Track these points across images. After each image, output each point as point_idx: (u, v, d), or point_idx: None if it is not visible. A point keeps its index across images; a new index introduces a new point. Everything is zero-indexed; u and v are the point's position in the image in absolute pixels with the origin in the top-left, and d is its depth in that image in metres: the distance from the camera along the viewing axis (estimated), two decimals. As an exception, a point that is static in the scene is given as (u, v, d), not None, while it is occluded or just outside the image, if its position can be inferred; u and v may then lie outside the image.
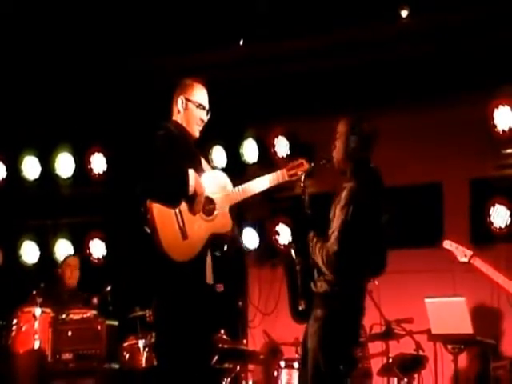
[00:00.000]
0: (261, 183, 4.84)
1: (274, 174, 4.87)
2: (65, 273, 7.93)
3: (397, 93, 7.83)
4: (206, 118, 4.85)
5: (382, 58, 7.73)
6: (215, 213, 4.71)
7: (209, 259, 4.69)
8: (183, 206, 4.60)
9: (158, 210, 4.52)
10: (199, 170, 4.73)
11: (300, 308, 4.75)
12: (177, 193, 4.56)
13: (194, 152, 4.82)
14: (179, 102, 4.81)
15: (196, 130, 4.83)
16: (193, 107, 4.81)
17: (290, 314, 4.84)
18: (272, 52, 7.92)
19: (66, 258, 8.19)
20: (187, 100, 4.81)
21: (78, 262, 8.08)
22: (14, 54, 8.02)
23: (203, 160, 4.93)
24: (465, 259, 6.34)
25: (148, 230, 4.52)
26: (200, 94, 4.86)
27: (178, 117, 4.83)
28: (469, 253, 6.33)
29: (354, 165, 4.79)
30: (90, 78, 8.33)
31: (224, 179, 4.84)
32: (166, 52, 8.00)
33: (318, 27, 7.49)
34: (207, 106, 4.86)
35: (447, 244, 6.46)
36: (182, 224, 4.55)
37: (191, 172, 4.58)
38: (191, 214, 4.60)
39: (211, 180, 4.76)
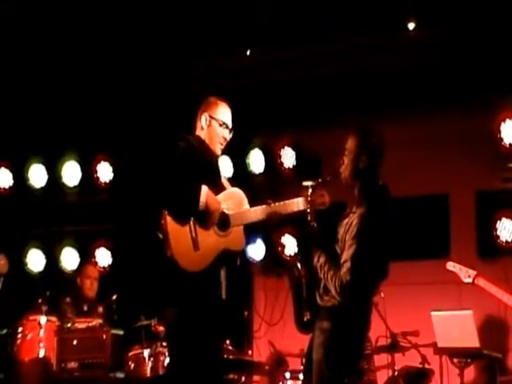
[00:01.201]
0: (282, 208, 4.81)
1: (295, 200, 4.83)
2: (84, 283, 7.94)
3: (404, 104, 7.83)
4: (228, 136, 4.91)
5: (389, 68, 7.73)
6: (229, 229, 4.72)
7: (223, 274, 4.70)
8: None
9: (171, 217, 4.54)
10: (219, 186, 4.75)
11: (305, 319, 4.76)
12: (185, 212, 4.57)
13: (214, 168, 4.85)
14: (203, 119, 4.86)
15: (218, 148, 4.88)
16: (216, 125, 4.85)
17: (295, 324, 4.84)
18: (278, 61, 7.93)
19: (85, 268, 8.16)
20: (211, 117, 4.85)
21: (97, 273, 8.10)
22: (20, 62, 8.03)
23: (223, 178, 4.96)
24: (469, 280, 6.34)
25: (160, 236, 4.53)
26: (224, 113, 4.91)
27: (201, 133, 4.87)
28: (472, 273, 6.33)
29: (362, 184, 4.74)
30: (96, 86, 8.34)
31: (241, 197, 4.86)
32: (173, 60, 8.01)
33: (326, 36, 7.49)
34: (230, 125, 4.91)
35: (450, 265, 6.46)
36: (194, 235, 4.57)
37: (204, 188, 4.58)
38: (204, 228, 4.61)
39: (228, 197, 4.78)
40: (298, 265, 4.88)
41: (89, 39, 7.75)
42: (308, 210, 4.78)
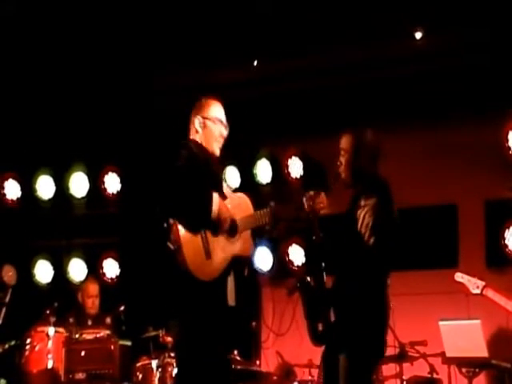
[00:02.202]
0: (283, 210, 4.81)
1: (294, 201, 4.83)
2: (86, 303, 7.95)
3: (411, 113, 7.84)
4: (225, 132, 4.79)
5: (397, 77, 7.74)
6: (237, 235, 4.69)
7: (230, 281, 4.66)
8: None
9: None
10: (220, 190, 4.70)
11: (319, 330, 4.74)
12: (199, 222, 4.53)
13: (215, 172, 4.79)
14: (196, 122, 4.76)
15: (216, 148, 4.78)
16: (211, 124, 4.75)
17: (309, 337, 4.82)
18: (286, 71, 7.94)
19: (86, 286, 8.13)
20: (204, 118, 4.76)
21: (97, 290, 8.07)
22: (28, 73, 8.05)
23: (224, 183, 4.91)
24: (477, 291, 6.32)
25: (171, 247, 4.50)
26: (216, 110, 4.80)
27: (196, 136, 4.76)
28: (481, 284, 6.31)
29: (366, 181, 4.75)
30: (104, 97, 8.36)
31: (247, 202, 4.83)
32: (179, 71, 8.03)
33: (331, 46, 7.51)
34: (225, 121, 4.80)
35: (459, 277, 6.45)
36: (206, 243, 4.53)
37: (215, 197, 4.55)
38: (215, 236, 4.58)
39: (236, 202, 4.74)
40: (308, 278, 4.87)
41: (96, 53, 7.77)
42: (311, 218, 4.76)
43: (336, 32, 7.31)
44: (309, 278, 4.86)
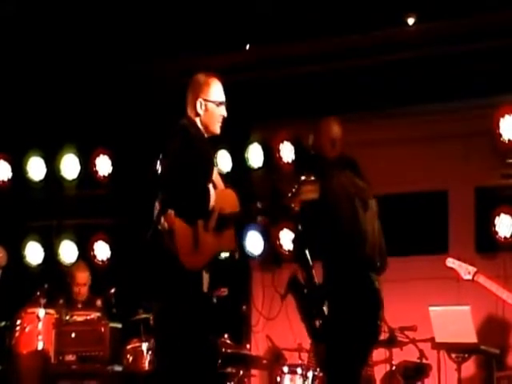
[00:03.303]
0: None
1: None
2: (73, 289, 7.88)
3: (402, 99, 7.83)
4: (225, 112, 4.74)
5: (388, 64, 7.73)
6: (224, 230, 4.68)
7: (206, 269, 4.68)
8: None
9: None
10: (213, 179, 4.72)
11: (317, 326, 4.77)
12: (197, 214, 4.53)
13: (210, 156, 4.77)
14: (198, 105, 4.68)
15: (217, 128, 4.73)
16: (213, 106, 4.68)
17: (309, 336, 4.88)
18: (278, 56, 7.92)
19: (74, 273, 8.02)
20: (206, 101, 4.68)
21: (87, 278, 7.96)
22: (18, 56, 8.02)
23: (216, 172, 4.88)
24: (468, 276, 6.36)
25: (165, 227, 4.46)
26: (218, 91, 4.72)
27: (196, 119, 4.70)
28: (472, 269, 6.35)
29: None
30: (96, 79, 8.33)
31: (235, 198, 4.82)
32: (171, 55, 8.00)
33: (325, 31, 7.49)
34: (224, 100, 4.74)
35: (450, 262, 6.49)
36: (196, 234, 4.53)
37: (212, 190, 4.55)
38: (205, 228, 4.59)
39: (223, 197, 4.72)
40: (297, 276, 4.90)
41: (87, 35, 7.74)
42: (293, 208, 4.82)
43: (328, 17, 7.29)
44: (298, 276, 4.89)
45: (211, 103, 4.69)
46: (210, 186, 4.58)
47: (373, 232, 4.92)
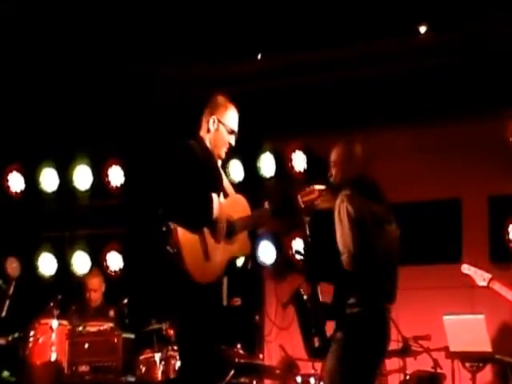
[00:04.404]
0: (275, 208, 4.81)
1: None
2: (85, 295, 7.99)
3: (415, 108, 7.82)
4: (233, 142, 4.82)
5: (402, 73, 7.72)
6: (235, 236, 4.69)
7: (225, 281, 4.70)
8: (206, 229, 4.60)
9: (182, 231, 4.51)
10: (221, 191, 4.72)
11: (316, 345, 4.73)
12: (200, 220, 4.54)
13: (217, 173, 4.80)
14: (211, 122, 4.77)
15: (223, 152, 4.81)
16: (224, 131, 4.77)
17: (306, 352, 4.84)
18: (290, 65, 7.93)
19: (87, 279, 8.17)
20: (219, 122, 4.76)
21: (99, 283, 8.08)
22: (31, 66, 8.05)
23: (226, 181, 4.92)
24: (484, 283, 6.33)
25: (171, 250, 4.50)
26: (233, 119, 4.81)
27: (206, 136, 4.78)
28: (487, 276, 6.32)
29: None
30: (109, 90, 8.36)
31: (244, 203, 4.85)
32: (185, 65, 8.01)
33: (337, 41, 7.49)
34: (237, 130, 4.82)
35: (465, 268, 6.45)
36: (205, 246, 4.54)
37: (214, 197, 4.57)
38: (214, 237, 4.59)
39: (231, 203, 4.76)
40: (302, 292, 4.87)
41: (101, 45, 7.76)
42: (304, 220, 4.83)
43: (339, 27, 7.30)
44: (302, 291, 4.85)
45: (223, 126, 4.77)
46: (214, 194, 4.58)
47: (389, 261, 4.76)
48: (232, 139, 4.81)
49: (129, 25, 7.47)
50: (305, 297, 4.83)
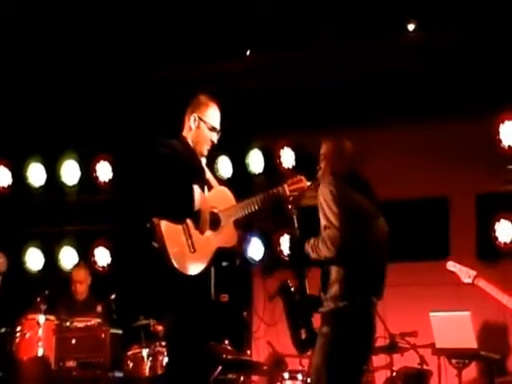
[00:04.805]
0: (262, 197, 4.82)
1: (275, 189, 4.86)
2: (71, 287, 8.00)
3: (404, 107, 7.84)
4: (216, 139, 4.84)
5: (389, 71, 7.75)
6: (221, 226, 4.71)
7: (212, 273, 4.70)
8: (189, 220, 4.61)
9: (165, 225, 4.52)
10: (204, 183, 4.73)
11: (302, 337, 4.74)
12: (182, 211, 4.56)
13: (199, 169, 4.81)
14: (192, 119, 4.80)
15: (205, 150, 4.83)
16: (205, 128, 4.79)
17: (293, 345, 4.84)
18: (279, 63, 7.94)
19: (73, 271, 8.22)
20: (200, 119, 4.79)
21: (84, 275, 8.11)
22: (20, 62, 8.03)
23: (211, 176, 4.93)
24: (469, 280, 6.36)
25: (156, 245, 4.52)
26: (213, 116, 4.83)
27: (188, 134, 4.82)
28: (472, 273, 6.35)
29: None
30: (97, 86, 8.34)
31: (228, 194, 4.86)
32: (172, 63, 8.01)
33: (325, 39, 7.51)
34: (219, 128, 4.84)
35: (451, 265, 6.48)
36: (189, 237, 4.56)
37: (196, 189, 4.58)
38: (197, 228, 4.61)
39: (216, 196, 4.78)
40: (290, 284, 4.88)
41: (89, 41, 7.76)
42: (291, 214, 4.83)
43: (330, 25, 7.31)
44: (290, 283, 4.86)
45: (204, 124, 4.79)
46: (196, 186, 4.60)
47: (377, 254, 4.77)
48: (214, 136, 4.83)
49: (117, 25, 7.49)
50: (292, 289, 4.85)
